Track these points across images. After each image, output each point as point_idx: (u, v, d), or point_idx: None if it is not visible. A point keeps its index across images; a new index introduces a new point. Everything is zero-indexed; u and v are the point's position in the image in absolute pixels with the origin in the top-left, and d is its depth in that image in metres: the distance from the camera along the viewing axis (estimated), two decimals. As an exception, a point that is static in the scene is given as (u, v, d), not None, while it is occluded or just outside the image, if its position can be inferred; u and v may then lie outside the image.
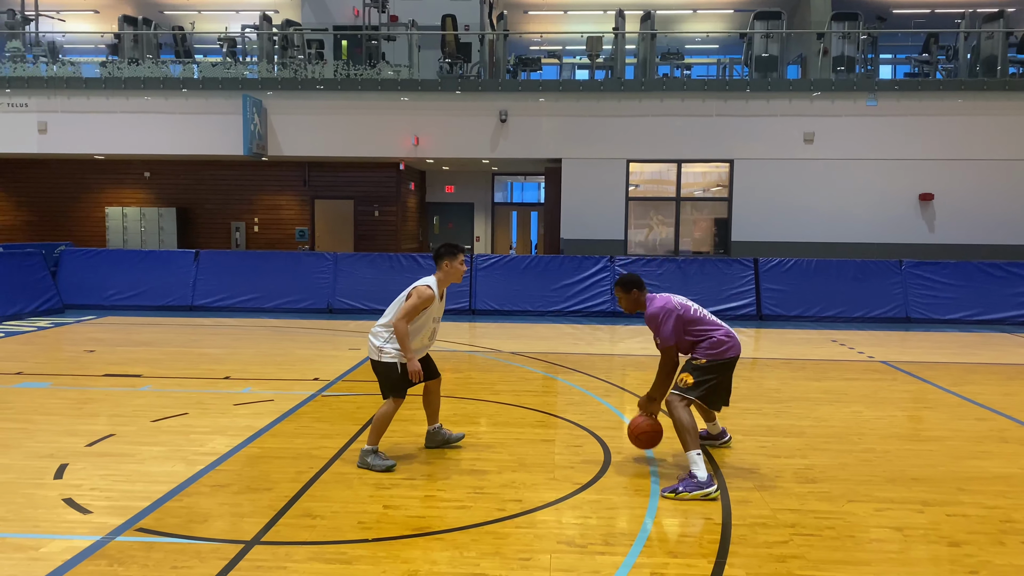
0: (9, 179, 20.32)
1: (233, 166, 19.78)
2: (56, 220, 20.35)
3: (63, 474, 5.18)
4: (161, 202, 20.22)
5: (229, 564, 3.85)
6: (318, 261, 14.91)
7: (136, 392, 7.71)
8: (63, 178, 20.23)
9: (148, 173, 20.17)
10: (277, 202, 20.34)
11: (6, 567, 3.78)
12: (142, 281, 14.63)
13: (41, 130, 17.78)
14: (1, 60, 18.68)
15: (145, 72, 17.78)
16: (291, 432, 6.31)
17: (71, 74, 17.95)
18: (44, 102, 17.74)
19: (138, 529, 4.28)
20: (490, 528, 4.36)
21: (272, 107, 17.47)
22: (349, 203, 20.17)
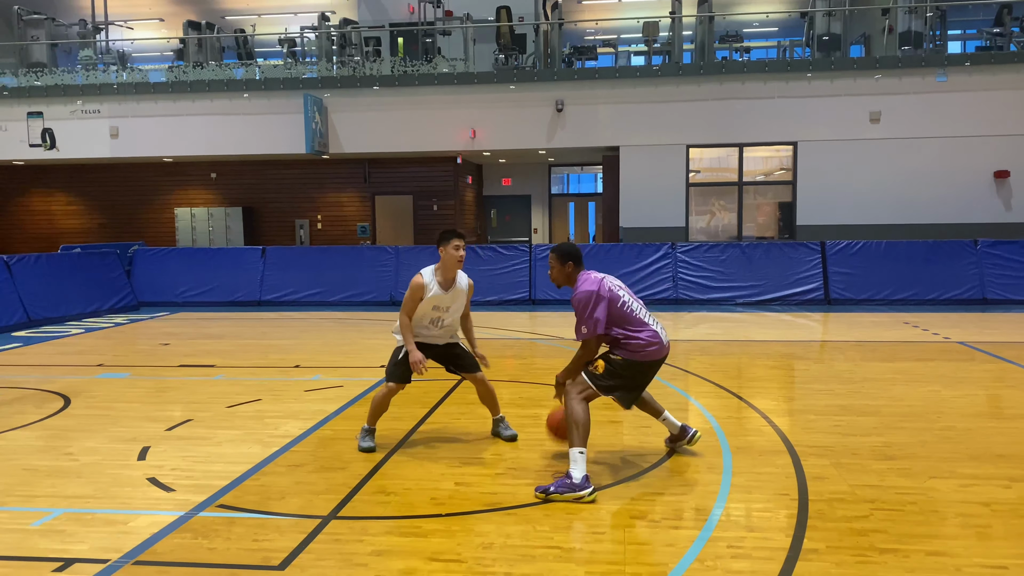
0: (84, 183, 21.10)
1: (296, 165, 20.17)
2: (128, 222, 21.06)
3: (146, 456, 5.36)
4: (227, 202, 20.75)
5: (308, 537, 3.93)
6: (380, 255, 15.11)
7: (210, 381, 7.93)
8: (134, 181, 20.92)
9: (215, 174, 20.71)
10: (339, 199, 20.67)
11: (99, 539, 3.93)
12: (212, 278, 15.04)
13: (113, 135, 18.41)
14: (74, 68, 19.40)
15: (209, 75, 18.25)
16: (361, 415, 6.40)
17: (140, 80, 18.54)
18: (115, 108, 18.36)
19: (219, 505, 4.40)
20: (562, 504, 4.35)
21: (332, 105, 17.76)
22: (408, 198, 20.38)
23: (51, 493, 4.64)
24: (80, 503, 4.46)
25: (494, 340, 10.43)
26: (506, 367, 8.63)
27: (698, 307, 13.48)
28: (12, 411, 6.72)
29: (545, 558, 3.67)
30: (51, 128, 18.41)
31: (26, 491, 4.68)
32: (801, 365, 8.59)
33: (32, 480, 4.88)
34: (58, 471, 5.05)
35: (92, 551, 3.79)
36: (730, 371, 8.19)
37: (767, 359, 8.93)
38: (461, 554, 3.72)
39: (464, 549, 3.77)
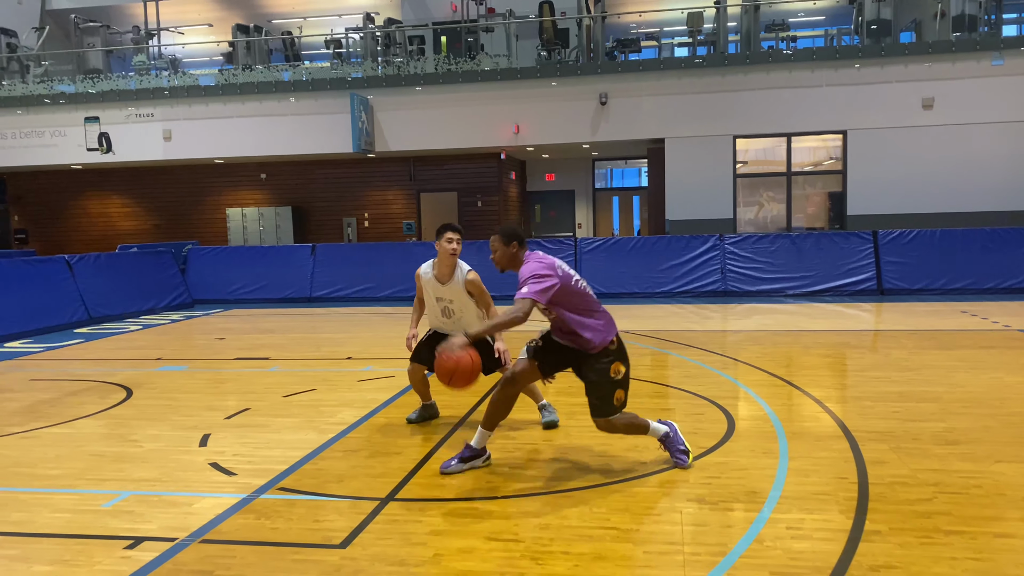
0: (139, 185, 21.65)
1: (342, 164, 20.43)
2: (181, 223, 21.55)
3: (207, 442, 5.49)
4: (277, 201, 21.10)
5: (367, 518, 4.00)
6: (427, 251, 15.19)
7: (266, 372, 8.09)
8: (187, 182, 21.40)
9: (264, 174, 21.08)
10: (385, 197, 20.88)
11: (166, 519, 4.05)
12: (263, 275, 15.32)
13: (166, 138, 18.86)
14: (128, 74, 19.93)
15: (258, 77, 18.59)
16: (414, 404, 6.46)
17: (191, 83, 18.96)
18: (168, 111, 18.81)
19: (279, 488, 4.50)
20: (617, 487, 4.36)
21: (378, 104, 17.95)
22: (453, 195, 20.49)
23: (119, 477, 4.79)
24: (146, 486, 4.59)
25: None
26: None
27: (747, 299, 13.32)
28: (78, 401, 6.94)
29: (603, 538, 3.68)
30: (107, 132, 18.94)
31: (95, 475, 4.83)
32: (855, 354, 8.44)
33: (100, 465, 5.04)
34: (124, 457, 5.21)
35: (160, 530, 3.91)
36: (782, 360, 8.08)
37: (820, 348, 8.80)
38: (518, 534, 3.75)
39: (521, 529, 3.80)
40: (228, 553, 3.62)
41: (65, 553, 3.67)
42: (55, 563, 3.57)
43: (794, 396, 6.44)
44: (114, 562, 3.54)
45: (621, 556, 3.49)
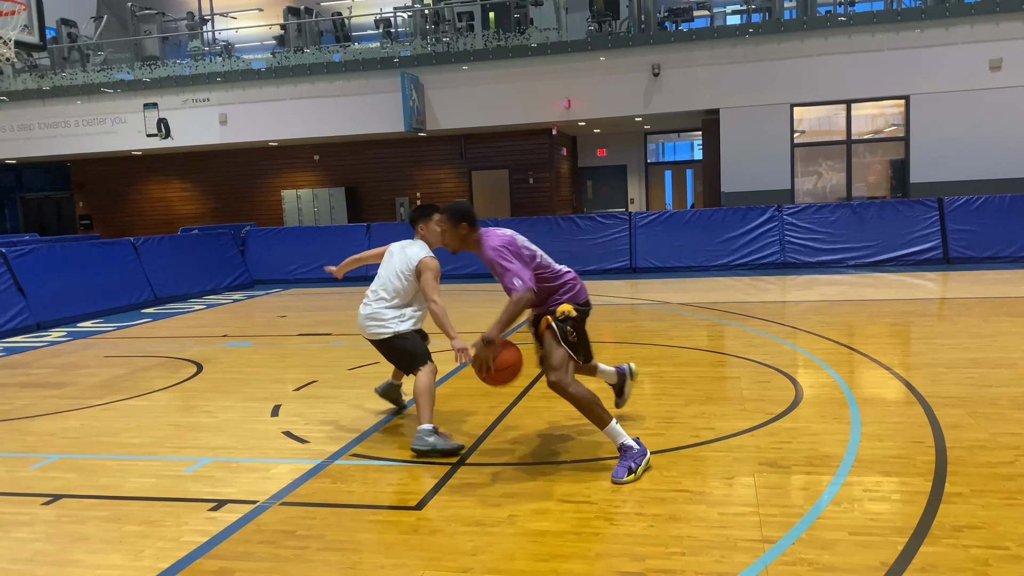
0: (197, 169, 22.12)
1: (394, 144, 20.56)
2: (238, 205, 21.97)
3: (278, 412, 5.63)
4: (330, 182, 21.36)
5: (440, 481, 4.06)
6: (479, 228, 15.25)
7: (329, 347, 8.24)
8: (243, 166, 21.77)
9: (317, 156, 21.33)
10: (436, 176, 20.97)
11: (245, 484, 4.17)
12: (320, 255, 15.52)
13: (222, 122, 19.21)
14: (184, 60, 20.31)
15: (310, 59, 18.76)
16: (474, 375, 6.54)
17: (244, 68, 19.24)
18: (223, 95, 19.14)
19: (352, 454, 4.59)
20: (687, 452, 4.35)
21: (428, 83, 17.98)
22: (504, 172, 20.48)
23: (197, 445, 4.94)
24: (224, 453, 4.73)
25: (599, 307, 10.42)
26: (616, 330, 8.63)
27: (808, 270, 13.07)
28: (152, 376, 7.16)
29: (675, 500, 3.68)
30: (166, 118, 19.36)
31: (175, 443, 5.00)
32: (924, 322, 8.23)
33: (178, 434, 5.21)
34: (200, 426, 5.37)
35: (240, 493, 4.03)
36: (847, 329, 7.94)
37: (886, 317, 8.60)
38: (590, 496, 3.77)
39: (593, 492, 3.82)
40: (308, 514, 3.72)
41: (154, 514, 3.81)
42: (144, 523, 3.71)
43: (862, 363, 6.32)
44: (200, 523, 3.67)
45: (696, 517, 3.48)
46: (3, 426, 5.61)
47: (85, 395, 6.50)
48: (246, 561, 3.24)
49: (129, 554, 3.37)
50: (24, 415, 5.91)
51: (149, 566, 3.24)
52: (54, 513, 3.90)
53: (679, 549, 3.19)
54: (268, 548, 3.35)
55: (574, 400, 4.07)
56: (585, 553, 3.19)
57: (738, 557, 3.10)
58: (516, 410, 5.36)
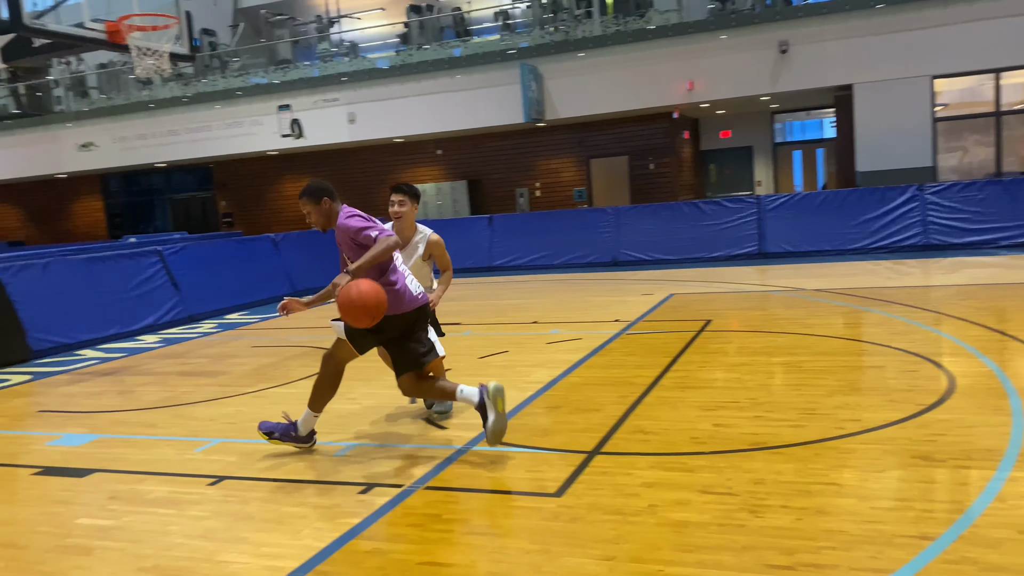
0: (327, 167, 23.05)
1: (513, 136, 20.73)
2: (367, 200, 22.66)
3: (416, 400, 5.82)
4: (453, 176, 21.79)
5: (577, 469, 4.10)
6: (600, 216, 15.20)
7: (460, 336, 8.44)
8: (370, 162, 22.54)
9: (440, 150, 21.80)
10: (555, 166, 21.01)
11: (391, 468, 4.35)
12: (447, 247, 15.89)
13: (350, 121, 19.94)
14: (313, 62, 21.19)
15: (431, 55, 19.18)
16: (605, 364, 6.56)
17: (369, 67, 19.88)
18: (351, 95, 19.85)
19: (489, 442, 4.70)
20: (832, 444, 4.20)
21: (547, 72, 18.02)
22: (623, 159, 20.27)
23: (344, 430, 5.19)
24: (370, 438, 4.95)
25: (728, 294, 10.20)
26: (746, 319, 8.42)
27: (953, 252, 12.30)
28: (297, 365, 7.56)
29: (823, 493, 3.57)
30: (299, 119, 20.28)
31: (323, 429, 5.25)
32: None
33: (326, 420, 5.45)
34: (346, 413, 5.63)
35: (388, 477, 4.20)
36: (1000, 315, 7.42)
37: (1046, 301, 7.99)
38: (732, 488, 3.71)
39: (735, 484, 3.76)
40: (451, 499, 3.85)
41: (309, 496, 4.04)
42: (301, 504, 3.93)
43: (1020, 351, 5.91)
44: (353, 505, 3.86)
45: (846, 511, 3.37)
46: (169, 412, 6.07)
47: (238, 383, 6.93)
48: (397, 543, 3.39)
49: (289, 533, 3.59)
50: (185, 401, 6.37)
51: (308, 545, 3.43)
52: (220, 493, 4.20)
53: (829, 544, 3.10)
54: (417, 531, 3.49)
55: None
56: (731, 545, 3.14)
57: (894, 553, 2.98)
58: (648, 400, 5.33)
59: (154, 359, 8.51)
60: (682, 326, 7.92)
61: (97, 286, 10.13)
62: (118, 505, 4.13)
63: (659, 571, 2.98)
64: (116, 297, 10.32)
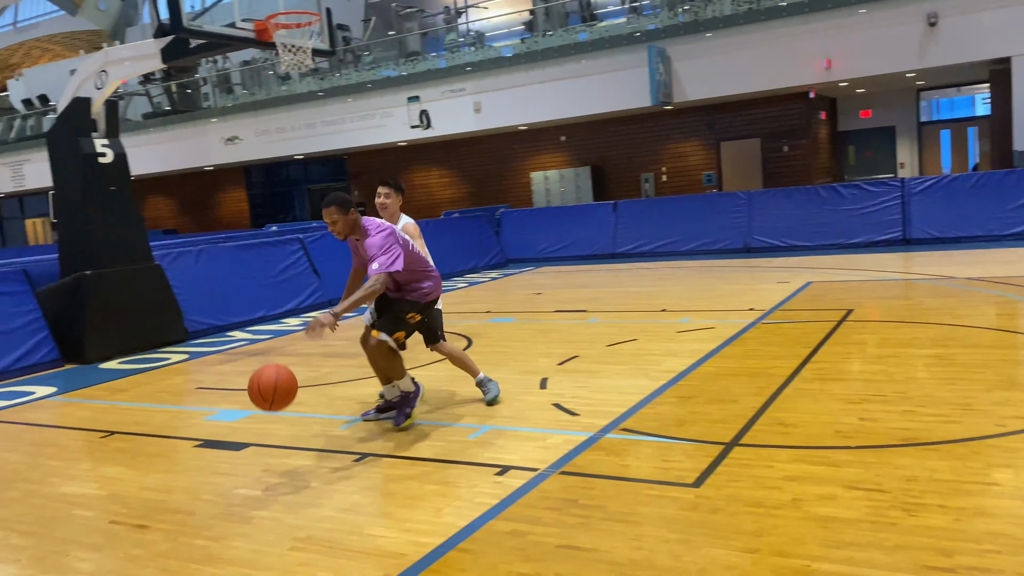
0: (453, 157, 23.53)
1: (638, 119, 20.45)
2: (491, 189, 23.06)
3: (546, 385, 5.88)
4: (576, 162, 21.74)
5: (715, 460, 4.02)
6: (731, 201, 14.79)
7: (586, 324, 8.44)
8: (494, 151, 22.81)
9: (564, 137, 21.79)
10: (682, 150, 20.58)
11: (525, 452, 4.41)
12: (569, 234, 15.93)
13: (476, 110, 20.22)
14: (440, 53, 21.61)
15: (556, 42, 19.16)
16: (740, 354, 6.39)
17: (495, 56, 20.07)
18: (477, 84, 20.13)
19: (623, 429, 4.68)
20: (992, 442, 3.94)
21: (675, 54, 17.64)
22: (755, 142, 19.60)
23: (475, 413, 5.30)
24: (502, 422, 5.03)
25: (869, 283, 9.72)
26: (889, 308, 8.00)
27: None
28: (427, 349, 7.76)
29: (984, 493, 3.36)
30: (427, 110, 20.76)
31: (457, 411, 5.40)
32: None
33: (459, 403, 5.62)
34: (476, 396, 5.74)
35: (522, 461, 4.27)
36: None
37: None
38: (882, 484, 3.54)
39: (885, 480, 3.59)
40: (587, 484, 3.86)
41: (447, 476, 4.16)
42: (441, 483, 4.06)
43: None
44: (489, 486, 3.95)
45: (1011, 513, 3.16)
46: (314, 391, 6.39)
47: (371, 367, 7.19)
48: (535, 525, 3.44)
49: (430, 510, 3.71)
50: (329, 381, 6.69)
51: (449, 523, 3.54)
52: (364, 469, 4.39)
53: (994, 547, 2.91)
54: (554, 514, 3.53)
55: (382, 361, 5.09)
56: (882, 543, 3.01)
57: (1069, 562, 2.77)
58: (787, 392, 5.16)
59: (298, 341, 8.96)
60: (821, 315, 7.61)
61: (245, 272, 10.75)
62: (272, 478, 4.39)
63: (806, 567, 2.90)
64: (262, 283, 10.93)
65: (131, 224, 9.15)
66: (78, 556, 3.58)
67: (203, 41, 7.99)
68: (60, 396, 7.11)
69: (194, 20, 7.75)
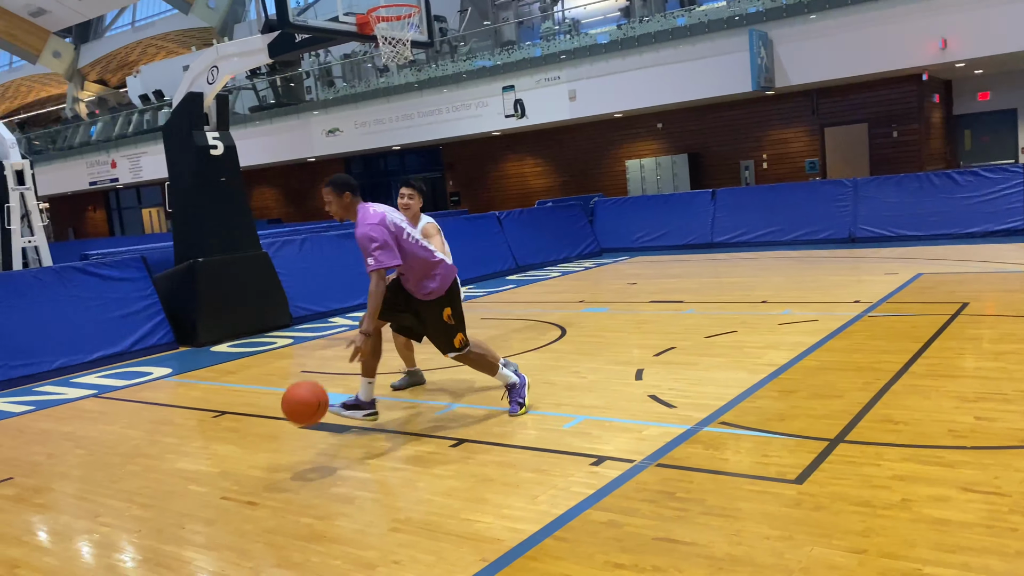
0: (547, 146, 23.49)
1: (738, 105, 19.91)
2: (585, 177, 22.93)
3: (642, 376, 5.82)
4: (673, 150, 21.36)
5: (818, 457, 3.90)
6: (835, 189, 14.25)
7: (682, 315, 8.31)
8: (588, 139, 22.65)
9: (660, 124, 21.44)
10: (784, 136, 19.92)
11: (621, 443, 4.39)
12: (665, 223, 15.69)
13: (571, 98, 20.12)
14: (535, 42, 21.59)
15: (654, 27, 18.83)
16: (845, 348, 6.16)
17: (590, 43, 19.90)
18: (572, 72, 20.01)
19: (721, 422, 4.59)
20: None
21: (777, 37, 17.07)
22: (862, 127, 18.77)
23: (571, 403, 5.30)
24: (597, 412, 5.02)
25: (987, 275, 9.20)
26: (1011, 303, 7.55)
27: None
28: (523, 337, 7.82)
29: (1118, 503, 3.14)
30: (521, 99, 20.79)
31: (551, 400, 5.41)
32: None
33: (553, 392, 5.63)
34: (572, 386, 5.75)
35: (618, 452, 4.24)
36: None
37: None
38: (1001, 488, 3.36)
39: (1004, 483, 3.40)
40: (685, 478, 3.81)
41: (543, 464, 4.18)
42: (537, 471, 4.08)
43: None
44: (585, 476, 3.94)
45: None
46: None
47: (470, 353, 7.28)
48: (632, 516, 3.42)
49: (526, 498, 3.74)
50: (424, 368, 6.81)
51: (545, 511, 3.56)
52: (460, 455, 4.46)
53: None
54: (651, 507, 3.50)
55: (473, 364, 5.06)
56: (1002, 550, 2.85)
57: None
58: (896, 388, 4.95)
59: (394, 328, 9.15)
60: (933, 309, 7.26)
61: (344, 260, 11.05)
62: (373, 460, 4.52)
63: (916, 570, 2.78)
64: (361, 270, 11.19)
65: (240, 214, 9.55)
66: (193, 529, 3.78)
67: (307, 36, 8.23)
68: (175, 377, 7.51)
69: (299, 15, 7.99)
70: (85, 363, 8.04)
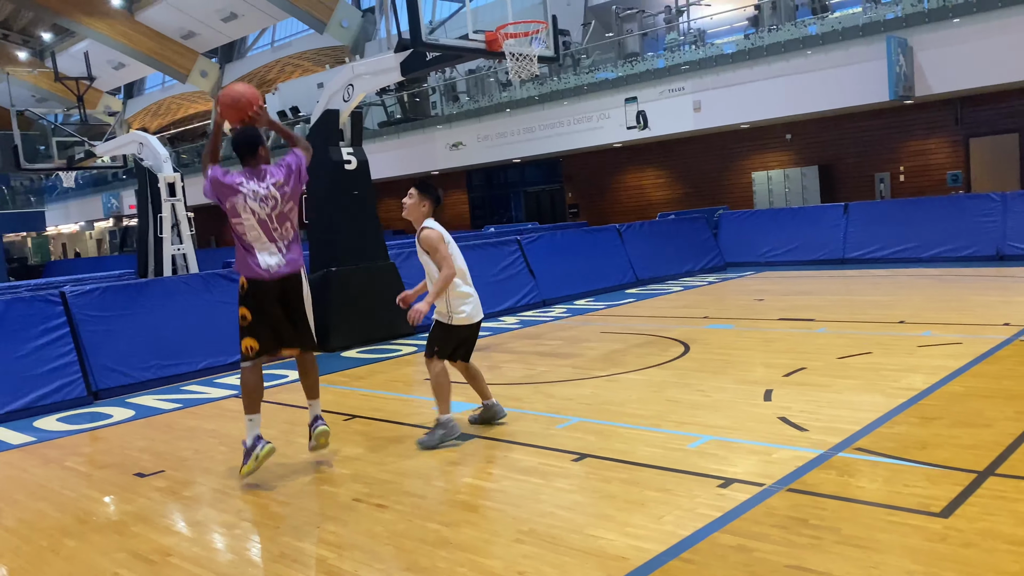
0: (669, 157, 23.18)
1: (873, 116, 19.02)
2: (708, 189, 22.47)
3: (771, 397, 5.64)
4: (803, 162, 20.62)
5: (966, 489, 3.67)
6: (982, 204, 13.38)
7: (813, 334, 8.00)
8: (713, 150, 22.19)
9: (789, 135, 20.76)
10: (924, 147, 18.87)
11: (749, 465, 4.27)
12: (794, 237, 15.17)
13: (696, 109, 19.79)
14: (659, 53, 21.38)
15: (784, 36, 18.28)
16: (995, 373, 5.77)
17: (716, 54, 19.53)
18: (697, 83, 19.68)
19: (856, 448, 4.39)
20: None
21: (918, 44, 16.22)
22: (1012, 137, 17.53)
23: (696, 422, 5.20)
24: (723, 432, 4.90)
25: None
26: None
27: None
28: (644, 352, 7.74)
29: None
30: (644, 110, 20.63)
31: (675, 418, 5.33)
32: None
33: (677, 410, 5.54)
34: (696, 404, 5.64)
35: (746, 474, 4.13)
36: None
37: None
38: None
39: None
40: (818, 504, 3.67)
41: (667, 483, 4.12)
42: (660, 491, 4.03)
43: None
44: (711, 498, 3.86)
45: None
46: (531, 388, 6.59)
47: (590, 366, 7.29)
48: (762, 542, 3.32)
49: (651, 517, 3.70)
50: (545, 380, 6.86)
51: (670, 531, 3.51)
52: (582, 469, 4.46)
53: None
54: (781, 532, 3.39)
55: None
56: None
57: None
58: (1055, 418, 4.59)
59: (515, 339, 9.27)
60: None
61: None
62: (496, 470, 4.59)
63: (1082, 620, 2.57)
64: (483, 281, 11.33)
65: (371, 226, 9.93)
66: (327, 529, 3.94)
67: (437, 54, 8.48)
68: (308, 380, 7.85)
69: (430, 34, 8.25)
70: (227, 364, 8.54)
